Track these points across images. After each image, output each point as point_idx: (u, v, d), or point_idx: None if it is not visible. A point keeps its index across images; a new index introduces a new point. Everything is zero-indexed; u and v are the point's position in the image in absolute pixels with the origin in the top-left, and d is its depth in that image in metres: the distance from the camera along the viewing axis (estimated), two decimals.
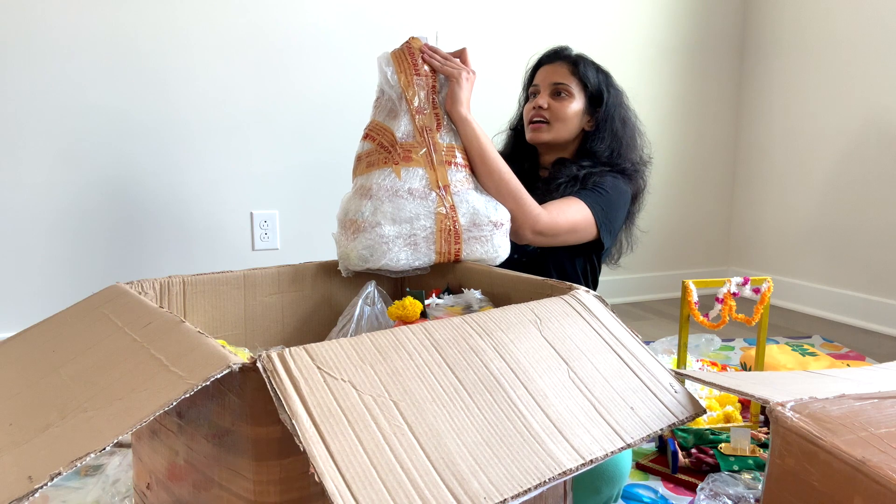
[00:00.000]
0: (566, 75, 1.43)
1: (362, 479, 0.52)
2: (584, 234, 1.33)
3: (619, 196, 1.39)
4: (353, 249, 1.08)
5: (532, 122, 1.44)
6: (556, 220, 1.26)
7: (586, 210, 1.31)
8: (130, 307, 0.78)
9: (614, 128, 1.44)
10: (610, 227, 1.37)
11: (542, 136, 1.43)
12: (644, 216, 2.67)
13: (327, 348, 0.62)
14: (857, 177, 2.36)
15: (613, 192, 1.37)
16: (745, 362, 1.70)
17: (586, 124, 1.45)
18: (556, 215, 1.26)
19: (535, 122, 1.43)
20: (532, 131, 1.44)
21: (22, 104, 1.78)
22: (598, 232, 1.34)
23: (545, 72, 1.46)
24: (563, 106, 1.41)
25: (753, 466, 1.20)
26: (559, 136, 1.43)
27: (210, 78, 1.96)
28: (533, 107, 1.44)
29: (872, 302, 2.32)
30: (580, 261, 1.41)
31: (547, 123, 1.42)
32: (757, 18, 2.74)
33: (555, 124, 1.42)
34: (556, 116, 1.41)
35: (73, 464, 0.51)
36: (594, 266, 1.45)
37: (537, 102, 1.43)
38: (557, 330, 0.78)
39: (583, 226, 1.31)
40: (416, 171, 1.09)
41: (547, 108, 1.42)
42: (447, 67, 1.15)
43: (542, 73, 1.47)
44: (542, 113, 1.42)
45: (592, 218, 1.32)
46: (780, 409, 0.69)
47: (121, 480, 1.11)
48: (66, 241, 1.86)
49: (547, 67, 1.46)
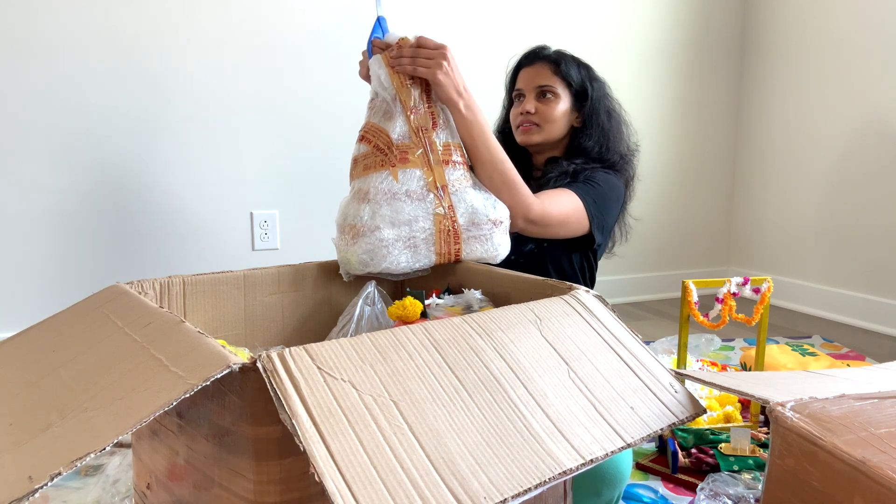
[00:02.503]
0: (549, 76, 1.43)
1: (362, 479, 0.52)
2: (575, 226, 1.33)
3: (611, 190, 1.39)
4: (353, 254, 1.08)
5: (521, 126, 1.45)
6: (548, 209, 1.26)
7: (578, 202, 1.32)
8: (131, 307, 0.78)
9: (601, 121, 1.45)
10: (602, 222, 1.37)
11: (532, 138, 1.44)
12: (644, 216, 2.71)
13: (327, 348, 0.62)
14: (858, 176, 2.36)
15: (606, 187, 1.38)
16: (745, 362, 1.70)
17: (574, 121, 1.46)
18: (548, 205, 1.26)
19: (524, 126, 1.44)
20: (522, 134, 1.45)
21: (22, 104, 1.78)
22: (590, 226, 1.35)
23: (527, 74, 1.46)
24: (551, 107, 1.42)
25: (753, 466, 1.20)
26: (550, 136, 1.44)
27: (210, 78, 1.96)
28: (520, 112, 1.44)
29: (872, 302, 2.32)
30: (577, 257, 1.42)
31: (536, 126, 1.43)
32: (757, 18, 2.74)
33: (544, 126, 1.43)
34: (545, 119, 1.43)
35: (73, 464, 0.51)
36: (591, 263, 1.45)
37: (524, 108, 1.43)
38: (557, 330, 0.78)
39: (574, 218, 1.31)
40: (413, 172, 1.09)
41: (535, 112, 1.43)
42: (420, 68, 1.09)
43: (525, 75, 1.47)
44: (530, 118, 1.43)
45: (584, 210, 1.32)
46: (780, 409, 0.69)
47: (121, 480, 1.11)
48: (66, 241, 1.86)
49: (528, 69, 1.46)
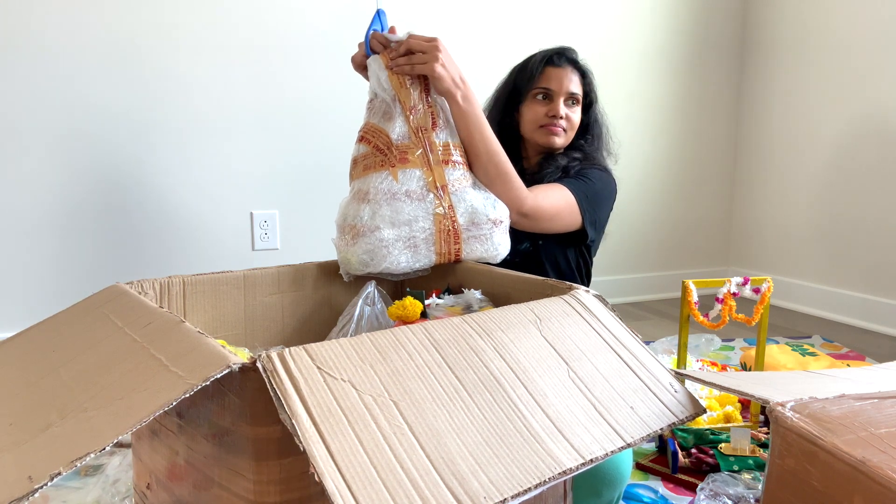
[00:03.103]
0: (578, 85, 1.45)
1: (362, 479, 0.52)
2: (567, 220, 1.34)
3: (604, 187, 1.41)
4: (353, 254, 1.08)
5: (549, 127, 1.43)
6: (541, 203, 1.27)
7: (570, 197, 1.32)
8: (130, 307, 0.78)
9: (598, 130, 1.50)
10: (594, 217, 1.38)
11: (558, 141, 1.43)
12: (644, 216, 2.71)
13: (327, 348, 0.62)
14: (857, 177, 2.36)
15: (599, 183, 1.39)
16: (745, 362, 1.70)
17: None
18: (540, 199, 1.27)
19: (553, 128, 1.42)
20: (548, 135, 1.43)
21: (22, 104, 1.78)
22: (582, 220, 1.36)
23: (558, 75, 1.43)
24: (576, 115, 1.45)
25: (753, 466, 1.20)
26: (568, 141, 1.46)
27: (210, 78, 1.96)
28: (551, 114, 1.42)
29: (872, 302, 2.32)
30: (572, 254, 1.43)
31: (563, 131, 1.44)
32: (757, 18, 2.74)
33: (569, 133, 1.45)
34: (572, 126, 1.44)
35: (73, 464, 0.51)
36: (586, 259, 1.46)
37: (556, 111, 1.41)
38: (557, 330, 0.78)
39: (566, 212, 1.32)
40: (413, 172, 1.09)
41: (565, 118, 1.43)
42: (417, 65, 1.09)
43: (555, 76, 1.43)
44: (560, 122, 1.42)
45: (576, 205, 1.33)
46: (780, 409, 0.69)
47: (121, 480, 1.11)
48: (66, 240, 1.86)
49: (559, 71, 1.44)
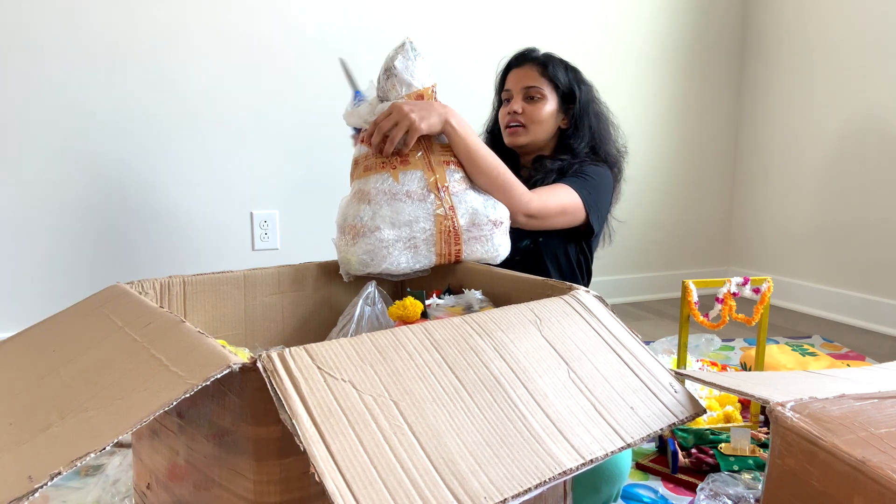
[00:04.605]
0: (536, 77, 1.45)
1: (362, 479, 0.52)
2: (573, 216, 1.35)
3: (602, 180, 1.42)
4: (353, 254, 1.08)
5: (508, 127, 1.47)
6: (546, 202, 1.29)
7: (574, 193, 1.34)
8: (131, 307, 0.78)
9: (590, 123, 1.48)
10: (598, 211, 1.40)
11: (519, 139, 1.46)
12: (644, 216, 2.71)
13: (327, 348, 0.62)
14: (857, 176, 2.36)
15: (598, 178, 1.41)
16: (745, 362, 1.70)
17: (561, 122, 1.49)
18: (545, 199, 1.29)
19: (511, 127, 1.46)
20: (509, 135, 1.47)
21: (22, 104, 1.78)
22: (588, 215, 1.37)
23: (515, 75, 1.48)
24: (537, 109, 1.44)
25: (753, 466, 1.20)
26: (536, 137, 1.46)
27: (210, 78, 1.96)
28: (507, 112, 1.47)
29: (872, 302, 2.32)
30: (573, 250, 1.44)
31: (523, 127, 1.45)
32: (757, 18, 2.74)
33: (531, 127, 1.45)
34: (531, 119, 1.44)
35: (73, 464, 0.51)
36: (587, 256, 1.48)
37: (511, 108, 1.45)
38: (557, 330, 0.78)
39: (572, 208, 1.34)
40: (413, 173, 1.09)
41: (521, 113, 1.45)
42: (397, 136, 1.08)
43: (513, 76, 1.49)
44: (517, 118, 1.45)
45: (580, 200, 1.35)
46: (780, 409, 0.69)
47: (121, 480, 1.11)
48: (66, 240, 1.86)
49: (517, 71, 1.49)
